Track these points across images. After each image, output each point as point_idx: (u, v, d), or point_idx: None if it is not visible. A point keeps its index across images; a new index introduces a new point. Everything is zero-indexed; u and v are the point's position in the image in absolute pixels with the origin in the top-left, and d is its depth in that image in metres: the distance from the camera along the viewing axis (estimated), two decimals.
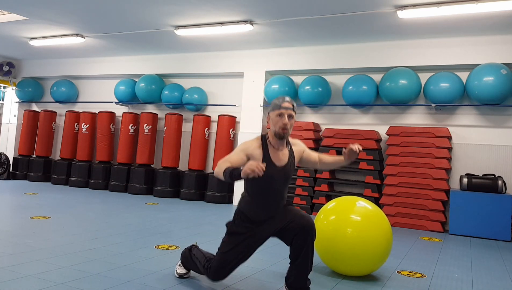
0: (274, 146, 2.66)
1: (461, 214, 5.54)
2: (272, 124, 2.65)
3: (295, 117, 2.68)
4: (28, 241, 3.64)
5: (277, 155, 2.66)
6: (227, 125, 7.44)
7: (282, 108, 2.60)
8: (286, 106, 2.60)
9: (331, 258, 3.15)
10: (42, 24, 6.90)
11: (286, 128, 2.59)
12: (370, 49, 6.58)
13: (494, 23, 5.41)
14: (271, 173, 2.59)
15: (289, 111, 2.60)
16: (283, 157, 2.67)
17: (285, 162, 2.67)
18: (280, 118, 2.59)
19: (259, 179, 2.49)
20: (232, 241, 2.63)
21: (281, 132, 2.60)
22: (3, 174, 8.94)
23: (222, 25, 6.13)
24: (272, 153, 2.66)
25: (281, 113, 2.59)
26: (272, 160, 2.63)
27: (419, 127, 6.05)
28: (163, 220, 5.19)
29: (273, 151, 2.66)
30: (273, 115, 2.63)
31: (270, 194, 2.65)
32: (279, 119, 2.60)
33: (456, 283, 3.26)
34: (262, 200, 2.65)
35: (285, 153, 2.70)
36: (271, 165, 2.62)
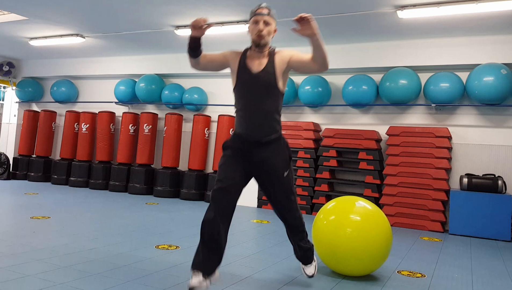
0: (253, 54, 2.60)
1: (461, 214, 5.54)
2: (250, 33, 2.58)
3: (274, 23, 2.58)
4: (28, 241, 3.64)
5: (253, 62, 2.59)
6: (227, 125, 7.43)
7: (256, 14, 2.52)
8: (260, 12, 2.52)
9: (331, 258, 3.15)
10: (42, 24, 6.90)
11: (261, 35, 2.51)
12: (370, 49, 6.58)
13: (494, 23, 5.41)
14: (246, 79, 2.56)
15: (264, 17, 2.51)
16: (261, 63, 2.58)
17: (261, 68, 2.57)
18: (255, 25, 2.52)
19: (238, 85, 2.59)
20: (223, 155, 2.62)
21: (257, 39, 2.52)
22: (3, 174, 8.94)
23: (222, 25, 6.13)
24: (249, 60, 2.60)
25: (256, 20, 2.52)
26: (248, 66, 2.58)
27: (419, 127, 6.05)
28: (163, 220, 5.19)
29: (250, 58, 2.60)
30: (250, 23, 2.57)
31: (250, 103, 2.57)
32: (255, 26, 2.53)
33: (456, 283, 3.26)
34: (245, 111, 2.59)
35: (263, 61, 2.59)
36: (247, 71, 2.57)
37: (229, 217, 2.49)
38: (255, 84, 2.56)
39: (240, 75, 2.59)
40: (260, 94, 2.56)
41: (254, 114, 2.57)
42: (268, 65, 2.57)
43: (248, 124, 2.58)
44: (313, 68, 2.56)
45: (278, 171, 2.61)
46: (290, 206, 2.68)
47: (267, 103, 2.57)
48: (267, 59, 2.59)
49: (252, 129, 2.57)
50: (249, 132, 2.58)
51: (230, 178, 2.49)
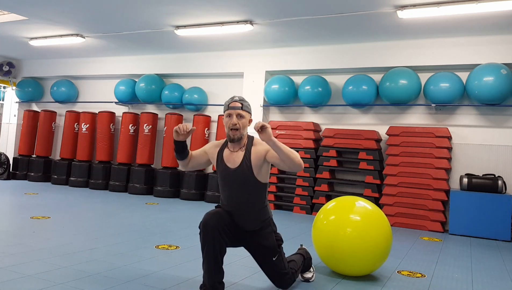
0: (230, 147, 2.64)
1: (461, 214, 5.54)
2: (225, 127, 2.61)
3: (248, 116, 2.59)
4: (28, 241, 3.64)
5: (231, 157, 2.62)
6: None
7: (229, 108, 2.54)
8: (233, 105, 2.54)
9: (331, 258, 3.15)
10: (42, 24, 6.90)
11: (235, 128, 2.53)
12: (370, 49, 6.58)
13: (494, 23, 5.41)
14: (224, 174, 2.62)
15: (237, 111, 2.52)
16: (237, 159, 2.60)
17: (237, 164, 2.59)
18: (229, 119, 2.54)
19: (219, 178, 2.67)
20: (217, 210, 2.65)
21: (231, 134, 2.54)
22: (3, 174, 8.94)
23: (222, 25, 6.13)
24: (226, 154, 2.64)
25: (229, 114, 2.54)
26: (224, 162, 2.62)
27: (419, 127, 6.05)
28: (163, 220, 5.19)
29: (227, 152, 2.64)
30: (224, 117, 2.59)
31: (233, 196, 2.62)
32: (228, 120, 2.55)
33: (456, 283, 3.26)
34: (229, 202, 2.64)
35: (240, 155, 2.60)
36: (223, 166, 2.62)
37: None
38: (234, 179, 2.60)
39: (219, 170, 2.66)
40: (241, 188, 2.59)
41: (238, 206, 2.61)
42: (244, 161, 2.58)
43: (234, 214, 2.62)
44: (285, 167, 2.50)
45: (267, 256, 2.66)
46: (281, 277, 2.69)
47: (250, 196, 2.60)
48: (243, 154, 2.60)
49: (238, 219, 2.61)
50: (236, 221, 2.61)
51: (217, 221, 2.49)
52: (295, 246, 4.17)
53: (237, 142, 2.59)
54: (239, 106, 2.54)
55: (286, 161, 2.44)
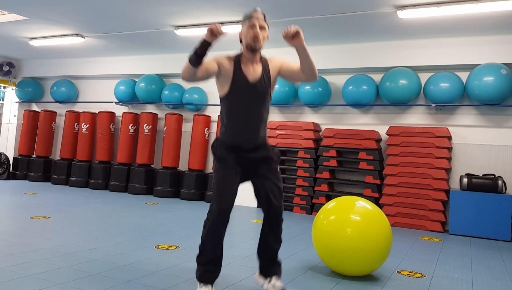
0: (247, 60, 2.55)
1: (461, 214, 5.54)
2: (243, 38, 2.53)
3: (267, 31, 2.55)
4: (28, 241, 3.64)
5: (249, 69, 2.54)
6: None
7: (253, 18, 2.49)
8: (257, 16, 2.48)
9: (331, 258, 3.15)
10: (42, 24, 6.90)
11: (257, 39, 2.47)
12: (370, 49, 6.58)
13: (494, 23, 5.41)
14: (242, 88, 2.51)
15: (260, 22, 2.48)
16: (256, 72, 2.54)
17: (258, 77, 2.54)
18: (251, 29, 2.48)
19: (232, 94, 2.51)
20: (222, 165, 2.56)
21: (253, 43, 2.48)
22: (3, 174, 8.94)
23: (222, 25, 6.12)
24: (244, 66, 2.53)
25: (252, 24, 2.47)
26: (244, 74, 2.53)
27: (419, 127, 6.05)
28: (163, 220, 5.19)
29: (245, 65, 2.54)
30: (244, 27, 2.51)
31: (246, 114, 2.54)
32: (250, 30, 2.48)
33: (456, 283, 3.26)
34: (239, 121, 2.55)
35: (258, 68, 2.56)
36: (243, 79, 2.52)
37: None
38: (252, 94, 2.54)
39: (236, 84, 2.53)
40: (256, 103, 2.56)
41: (250, 122, 2.56)
42: (264, 74, 2.57)
43: (244, 132, 2.56)
44: (301, 78, 2.59)
45: (273, 165, 2.65)
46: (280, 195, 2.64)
47: (262, 112, 2.59)
48: (261, 67, 2.58)
49: (248, 137, 2.57)
50: (245, 140, 2.57)
51: (231, 195, 2.52)
52: (295, 246, 4.17)
53: (256, 52, 2.52)
54: (262, 17, 2.50)
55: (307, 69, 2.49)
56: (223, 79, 2.56)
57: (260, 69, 2.57)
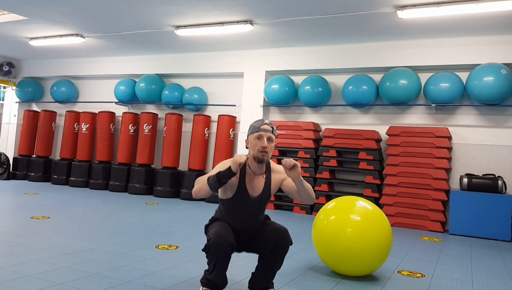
0: (252, 171, 2.58)
1: (461, 214, 5.54)
2: (251, 148, 2.54)
3: (275, 142, 2.57)
4: (28, 241, 3.64)
5: (253, 183, 2.58)
6: (227, 125, 7.44)
7: (260, 130, 2.49)
8: (265, 128, 2.49)
9: (331, 258, 3.15)
10: (42, 24, 6.90)
11: (265, 151, 2.48)
12: (370, 49, 6.58)
13: (494, 23, 5.41)
14: (242, 201, 2.56)
15: (268, 134, 2.48)
16: (259, 186, 2.59)
17: (259, 193, 2.58)
18: (259, 141, 2.49)
19: (232, 203, 2.57)
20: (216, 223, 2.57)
21: (260, 156, 2.49)
22: (3, 174, 8.94)
23: (222, 25, 6.13)
24: (248, 180, 2.57)
25: (260, 136, 2.49)
26: (246, 189, 2.57)
27: (419, 127, 6.05)
28: (163, 220, 5.18)
29: (249, 178, 2.58)
30: (252, 138, 2.52)
31: (241, 218, 2.61)
32: (258, 142, 2.49)
33: (456, 283, 3.26)
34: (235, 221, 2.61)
35: (261, 181, 2.60)
36: (245, 194, 2.56)
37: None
38: (252, 206, 2.59)
39: (238, 197, 2.58)
40: (253, 211, 2.62)
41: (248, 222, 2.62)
42: (265, 189, 2.60)
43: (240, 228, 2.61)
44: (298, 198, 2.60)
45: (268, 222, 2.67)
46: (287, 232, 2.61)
47: (259, 215, 2.65)
48: (264, 180, 2.61)
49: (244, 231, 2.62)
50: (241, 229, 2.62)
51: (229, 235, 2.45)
52: (296, 246, 4.17)
53: (263, 164, 2.56)
54: (270, 129, 2.51)
55: (303, 196, 2.54)
56: (227, 187, 2.60)
57: (262, 183, 2.60)
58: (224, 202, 2.65)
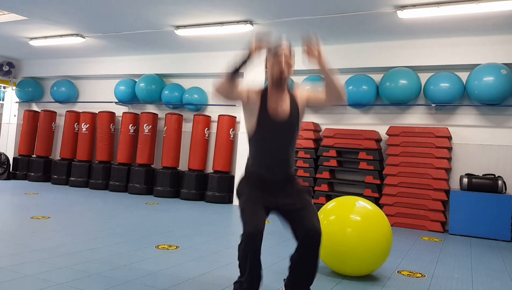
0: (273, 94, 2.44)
1: (461, 214, 5.53)
2: (269, 70, 2.44)
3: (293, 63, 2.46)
4: (28, 241, 3.64)
5: (277, 106, 2.43)
6: (227, 125, 7.43)
7: (277, 52, 2.40)
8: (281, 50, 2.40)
9: (331, 258, 3.15)
10: (42, 24, 6.90)
11: (283, 72, 2.39)
12: (370, 49, 6.58)
13: (494, 23, 5.41)
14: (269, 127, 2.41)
15: (286, 58, 2.40)
16: (284, 108, 2.43)
17: (286, 115, 2.42)
18: (276, 65, 2.40)
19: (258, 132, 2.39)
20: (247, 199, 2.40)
21: (279, 76, 2.39)
22: (3, 174, 8.94)
23: (222, 25, 6.13)
24: (271, 102, 2.43)
25: (278, 61, 2.39)
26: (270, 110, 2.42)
27: (419, 127, 6.05)
28: (163, 220, 5.19)
29: (272, 100, 2.43)
30: (270, 61, 2.43)
31: (273, 149, 2.43)
32: (275, 65, 2.40)
33: (456, 283, 3.26)
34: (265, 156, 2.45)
35: (286, 103, 2.45)
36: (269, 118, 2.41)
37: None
38: (280, 132, 2.43)
39: (262, 122, 2.43)
40: (284, 139, 2.46)
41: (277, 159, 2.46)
42: (292, 110, 2.46)
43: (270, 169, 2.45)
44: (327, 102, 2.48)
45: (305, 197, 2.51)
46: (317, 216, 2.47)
47: (290, 147, 2.48)
48: (289, 100, 2.47)
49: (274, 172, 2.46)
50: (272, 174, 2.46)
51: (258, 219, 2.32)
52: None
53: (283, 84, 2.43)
54: (288, 53, 2.40)
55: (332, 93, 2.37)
56: (250, 111, 2.48)
57: (288, 103, 2.46)
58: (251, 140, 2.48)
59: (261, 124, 2.43)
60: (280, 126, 2.42)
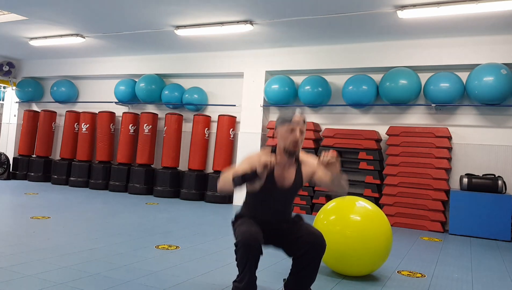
0: (281, 163, 2.48)
1: (461, 214, 5.53)
2: (281, 140, 2.44)
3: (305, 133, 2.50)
4: (28, 241, 3.64)
5: (283, 174, 2.49)
6: (227, 125, 7.44)
7: (293, 122, 2.40)
8: (297, 120, 2.40)
9: (331, 258, 3.15)
10: (42, 24, 6.90)
11: (297, 144, 2.40)
12: (370, 49, 6.58)
13: (494, 23, 5.41)
14: (272, 193, 2.48)
15: (300, 126, 2.41)
16: (289, 177, 2.50)
17: (290, 184, 2.51)
18: (290, 134, 2.40)
19: (259, 195, 2.47)
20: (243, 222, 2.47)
21: (292, 149, 2.41)
22: (3, 174, 8.94)
23: (222, 25, 6.13)
24: (277, 171, 2.48)
25: (292, 129, 2.39)
26: (275, 180, 2.48)
27: (419, 127, 6.05)
28: (163, 220, 5.18)
29: (278, 169, 2.48)
30: (283, 130, 2.43)
31: (269, 210, 2.54)
32: (289, 134, 2.40)
33: (456, 283, 3.26)
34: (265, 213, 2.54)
35: (291, 171, 2.51)
36: (274, 186, 2.48)
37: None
38: (281, 197, 2.53)
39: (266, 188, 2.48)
40: (283, 203, 2.57)
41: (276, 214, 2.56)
42: (296, 180, 2.52)
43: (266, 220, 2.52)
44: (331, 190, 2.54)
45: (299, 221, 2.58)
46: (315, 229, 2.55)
47: (288, 208, 2.60)
48: (295, 171, 2.52)
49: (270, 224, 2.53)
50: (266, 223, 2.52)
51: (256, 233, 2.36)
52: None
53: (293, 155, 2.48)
54: (302, 122, 2.43)
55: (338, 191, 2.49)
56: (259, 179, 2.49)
57: (293, 173, 2.52)
58: (251, 195, 2.55)
59: (265, 191, 2.49)
60: (282, 193, 2.52)
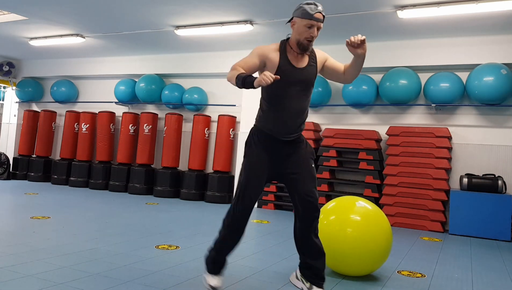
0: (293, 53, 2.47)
1: (461, 214, 5.54)
2: (296, 33, 2.40)
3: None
4: (28, 241, 3.64)
5: (296, 58, 2.47)
6: (227, 125, 7.43)
7: (314, 18, 2.33)
8: (318, 17, 2.34)
9: (331, 258, 3.15)
10: (42, 24, 6.90)
11: (312, 41, 2.39)
12: (370, 49, 6.49)
13: (494, 23, 5.41)
14: (288, 76, 2.42)
15: (319, 24, 2.36)
16: (303, 61, 2.48)
17: (304, 65, 2.48)
18: (308, 30, 2.36)
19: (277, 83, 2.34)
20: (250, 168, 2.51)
21: (306, 44, 2.39)
22: (3, 174, 8.94)
23: (222, 25, 6.13)
24: (291, 56, 2.46)
25: (311, 24, 2.34)
26: (290, 62, 2.45)
27: (419, 127, 6.05)
28: (163, 220, 5.19)
29: (291, 54, 2.47)
30: (301, 24, 2.37)
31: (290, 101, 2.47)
32: (306, 30, 2.36)
33: (456, 283, 3.26)
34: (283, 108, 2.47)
35: (305, 57, 2.50)
36: (289, 67, 2.43)
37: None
38: (298, 80, 2.47)
39: (282, 71, 2.43)
40: (301, 91, 2.49)
41: (292, 112, 2.49)
42: (311, 61, 2.52)
43: (283, 122, 2.49)
44: (340, 78, 2.61)
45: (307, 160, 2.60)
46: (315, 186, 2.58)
47: (305, 101, 2.53)
48: (308, 57, 2.54)
49: (287, 128, 2.51)
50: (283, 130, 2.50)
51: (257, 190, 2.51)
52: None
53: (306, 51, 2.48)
54: (322, 19, 2.38)
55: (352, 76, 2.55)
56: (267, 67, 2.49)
57: (306, 58, 2.52)
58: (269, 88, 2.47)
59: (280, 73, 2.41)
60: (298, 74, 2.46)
